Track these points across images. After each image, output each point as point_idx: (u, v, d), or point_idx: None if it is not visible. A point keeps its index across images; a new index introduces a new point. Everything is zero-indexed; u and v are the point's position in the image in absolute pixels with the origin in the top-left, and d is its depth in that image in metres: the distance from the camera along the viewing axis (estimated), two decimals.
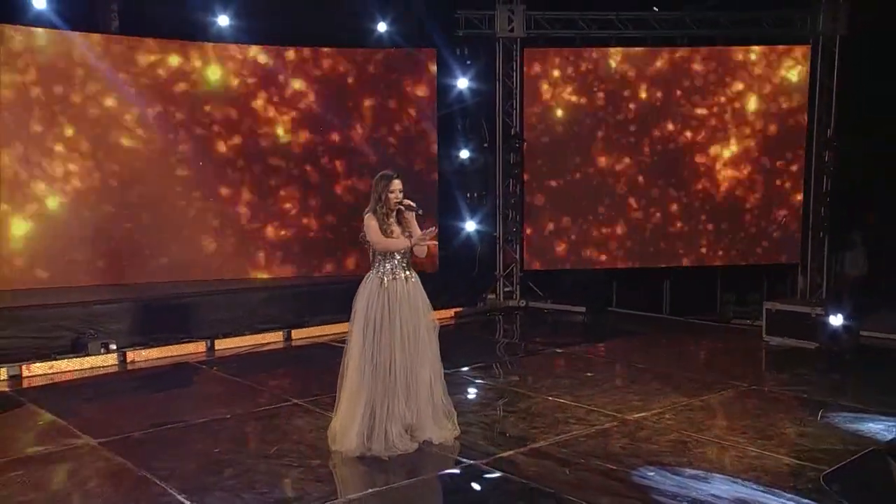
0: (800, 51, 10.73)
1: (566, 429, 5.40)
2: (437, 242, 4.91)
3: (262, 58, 10.03)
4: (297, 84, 10.16)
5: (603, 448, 5.00)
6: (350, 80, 10.36)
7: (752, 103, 10.75)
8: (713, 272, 11.42)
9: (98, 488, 4.40)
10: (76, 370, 7.36)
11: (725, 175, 10.87)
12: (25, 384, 7.00)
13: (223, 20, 9.89)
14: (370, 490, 4.34)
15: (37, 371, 7.21)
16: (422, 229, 4.96)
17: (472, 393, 6.49)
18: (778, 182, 10.92)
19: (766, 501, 4.11)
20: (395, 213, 4.95)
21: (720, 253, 11.07)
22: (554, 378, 7.00)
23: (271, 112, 10.08)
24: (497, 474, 4.54)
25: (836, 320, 7.39)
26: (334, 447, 4.85)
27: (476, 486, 4.48)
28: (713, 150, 10.81)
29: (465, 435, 5.16)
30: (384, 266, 4.91)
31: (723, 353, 8.34)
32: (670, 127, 10.76)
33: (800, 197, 10.88)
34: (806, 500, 4.08)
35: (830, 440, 5.07)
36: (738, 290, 11.58)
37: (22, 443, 5.21)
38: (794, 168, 10.86)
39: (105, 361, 7.60)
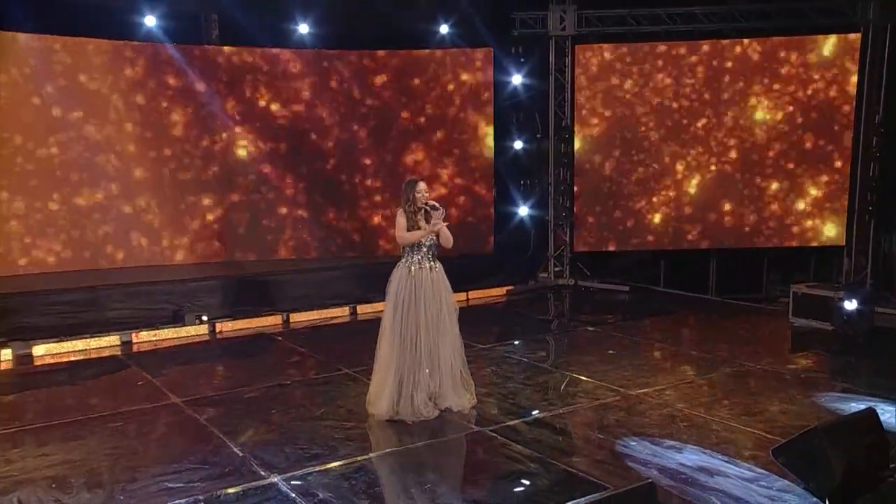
0: (850, 39, 10.57)
1: (572, 401, 5.89)
2: (446, 230, 5.30)
3: (339, 63, 10.76)
4: (370, 83, 10.87)
5: (599, 420, 5.46)
6: (416, 80, 10.98)
7: (801, 91, 10.68)
8: (761, 253, 11.46)
9: (173, 439, 5.25)
10: (174, 338, 8.33)
11: (773, 159, 10.88)
12: (134, 349, 8.00)
13: (303, 28, 10.68)
14: (394, 449, 4.98)
15: (143, 339, 8.20)
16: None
17: (498, 366, 6.99)
18: (825, 165, 10.86)
19: (724, 469, 4.52)
20: (422, 212, 5.54)
21: (768, 234, 11.10)
22: (577, 354, 7.45)
23: (345, 109, 10.83)
24: (501, 440, 5.10)
25: (851, 304, 7.49)
26: (370, 410, 5.55)
27: (479, 450, 5.06)
28: (760, 135, 10.83)
29: (482, 404, 5.74)
30: (413, 257, 5.51)
31: (745, 333, 8.44)
32: (718, 115, 10.84)
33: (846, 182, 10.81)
34: (759, 470, 4.47)
35: (808, 417, 5.33)
36: (784, 271, 11.60)
37: (122, 399, 6.10)
38: (841, 153, 10.77)
39: (198, 331, 8.56)
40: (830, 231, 10.93)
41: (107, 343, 7.95)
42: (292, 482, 4.36)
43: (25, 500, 4.17)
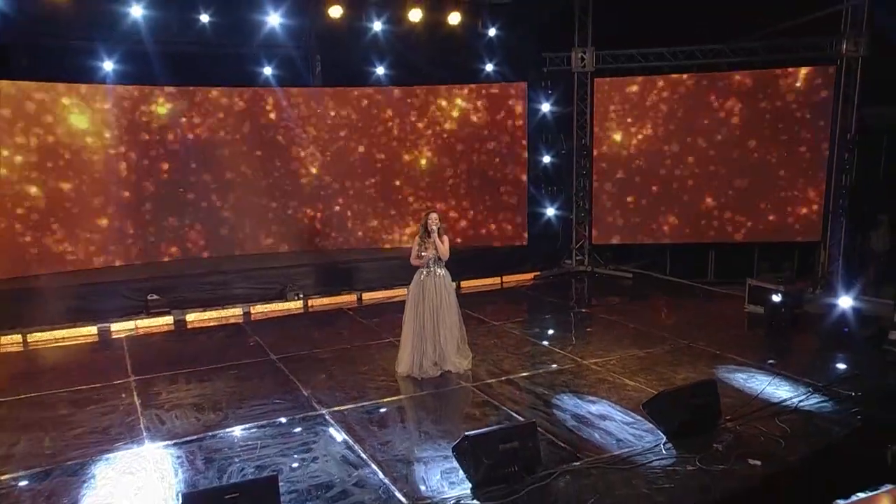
0: (826, 71, 11.35)
1: (539, 367, 7.48)
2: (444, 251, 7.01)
3: (403, 96, 12.52)
4: (431, 113, 12.60)
5: (551, 381, 7.02)
6: (466, 106, 12.60)
7: (784, 114, 11.58)
8: (753, 246, 12.45)
9: (267, 383, 7.20)
10: (279, 311, 10.44)
11: (759, 166, 11.85)
12: (254, 318, 10.14)
13: (380, 70, 12.48)
14: (406, 395, 6.79)
15: (258, 310, 10.32)
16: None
17: (498, 339, 8.55)
18: (807, 175, 11.74)
19: (615, 417, 6.02)
20: (431, 235, 7.25)
21: (761, 228, 12.07)
22: (562, 331, 9.02)
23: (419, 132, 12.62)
24: (478, 393, 6.80)
25: (777, 297, 8.61)
26: (396, 369, 7.39)
27: (461, 399, 6.77)
28: (749, 148, 11.82)
29: (477, 367, 7.42)
30: (425, 266, 7.26)
31: (702, 316, 9.61)
32: (709, 135, 11.91)
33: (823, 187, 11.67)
34: (638, 418, 5.94)
35: None
36: (773, 261, 12.53)
37: (238, 355, 8.14)
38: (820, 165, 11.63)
39: (296, 306, 10.66)
40: (811, 230, 11.86)
41: (232, 313, 10.12)
42: (334, 414, 6.28)
43: (180, 416, 6.29)
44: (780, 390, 6.51)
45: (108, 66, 10.63)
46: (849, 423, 5.77)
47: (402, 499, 4.73)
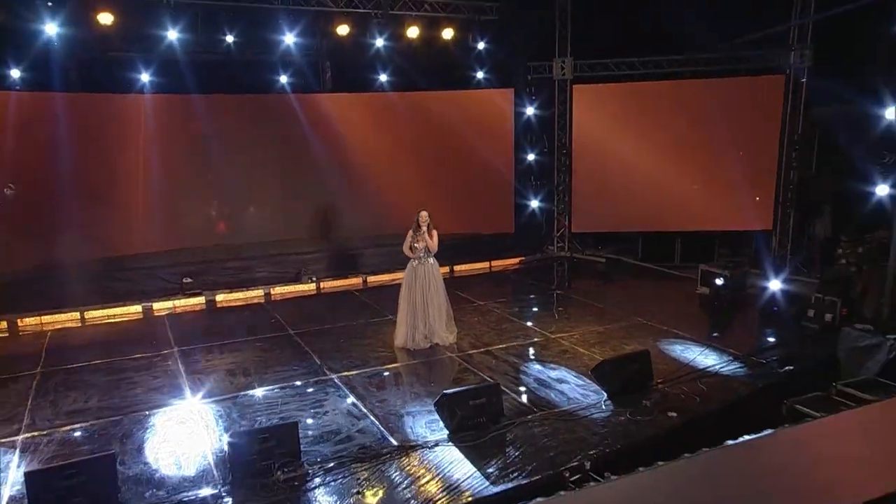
0: (776, 80, 12.24)
1: (514, 341, 8.47)
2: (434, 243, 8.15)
3: (403, 101, 13.42)
4: (428, 116, 13.51)
5: (522, 352, 8.02)
6: (459, 110, 13.51)
7: (736, 121, 12.42)
8: (714, 235, 13.39)
9: (286, 353, 8.25)
10: (294, 291, 11.53)
11: (719, 163, 12.78)
12: (273, 299, 11.26)
13: (383, 77, 13.41)
14: (404, 363, 7.87)
15: (276, 292, 11.40)
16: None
17: (482, 316, 9.57)
18: (761, 171, 12.67)
19: (570, 380, 7.02)
20: (422, 230, 8.28)
21: (720, 218, 12.98)
22: (538, 311, 10.06)
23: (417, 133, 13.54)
24: (461, 362, 7.86)
25: (720, 281, 9.60)
26: (394, 342, 8.48)
27: (447, 367, 7.84)
28: (710, 148, 12.75)
29: (460, 341, 8.44)
30: (417, 256, 8.31)
31: (660, 297, 10.51)
32: (676, 135, 12.84)
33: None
34: (588, 381, 7.00)
35: None
36: (734, 248, 13.47)
37: (262, 330, 9.24)
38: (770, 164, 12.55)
39: (309, 288, 11.72)
40: (766, 220, 12.81)
41: (255, 294, 11.22)
42: (341, 378, 7.37)
43: (216, 379, 7.38)
44: (708, 359, 7.54)
45: (146, 77, 11.65)
46: (755, 384, 6.83)
47: (394, 441, 5.82)
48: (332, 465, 5.40)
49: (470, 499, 4.90)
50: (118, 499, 4.94)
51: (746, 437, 5.31)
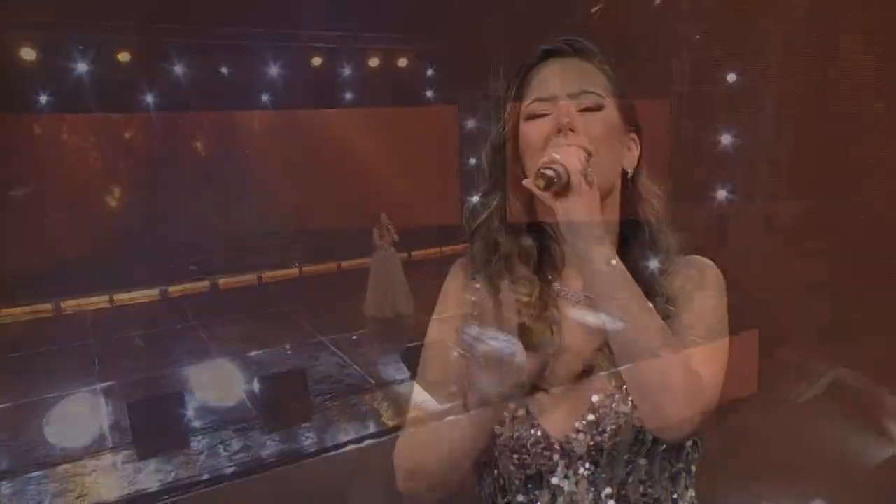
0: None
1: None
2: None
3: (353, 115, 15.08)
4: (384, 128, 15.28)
5: None
6: (413, 125, 15.34)
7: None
8: None
9: (281, 325, 10.15)
10: (285, 275, 13.36)
11: None
12: (263, 281, 13.06)
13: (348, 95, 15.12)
14: (374, 329, 9.84)
15: (267, 276, 13.26)
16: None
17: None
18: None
19: None
20: (383, 228, 10.19)
21: None
22: None
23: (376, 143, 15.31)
24: (421, 327, 9.86)
25: None
26: (365, 312, 10.40)
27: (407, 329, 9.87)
28: None
29: (416, 311, 10.52)
30: (381, 248, 10.25)
31: None
32: None
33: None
34: None
35: None
36: None
37: (255, 307, 11.13)
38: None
39: (295, 272, 13.57)
40: None
41: (248, 279, 13.06)
42: (330, 339, 9.30)
43: (233, 344, 9.21)
44: None
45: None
46: None
47: (371, 380, 7.81)
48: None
49: None
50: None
51: None
